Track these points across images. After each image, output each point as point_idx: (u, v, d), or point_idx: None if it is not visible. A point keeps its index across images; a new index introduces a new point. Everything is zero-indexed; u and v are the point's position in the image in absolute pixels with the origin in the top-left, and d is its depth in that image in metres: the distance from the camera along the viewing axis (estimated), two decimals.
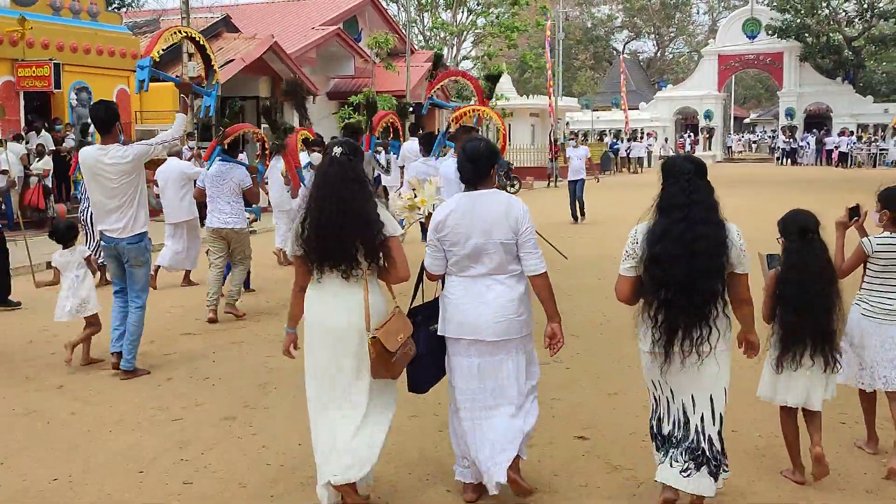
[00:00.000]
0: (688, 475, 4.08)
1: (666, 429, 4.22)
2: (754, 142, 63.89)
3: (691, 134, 55.83)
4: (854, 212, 4.98)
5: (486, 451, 4.26)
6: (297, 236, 4.22)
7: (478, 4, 42.00)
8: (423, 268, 4.52)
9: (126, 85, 20.64)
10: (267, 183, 11.89)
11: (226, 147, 9.32)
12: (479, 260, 4.23)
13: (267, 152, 11.95)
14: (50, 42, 18.68)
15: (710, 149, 50.14)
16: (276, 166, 11.06)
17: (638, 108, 54.72)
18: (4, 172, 14.01)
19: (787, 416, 4.69)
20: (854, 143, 43.93)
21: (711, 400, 4.11)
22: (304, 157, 10.87)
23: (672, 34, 77.45)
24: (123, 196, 6.81)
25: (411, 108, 32.52)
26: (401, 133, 13.89)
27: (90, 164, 6.81)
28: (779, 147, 49.04)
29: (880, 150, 44.56)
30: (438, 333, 4.39)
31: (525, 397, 4.37)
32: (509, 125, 42.78)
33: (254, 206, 10.31)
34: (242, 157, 9.51)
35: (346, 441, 4.15)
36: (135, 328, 6.98)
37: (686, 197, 4.01)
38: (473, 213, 4.24)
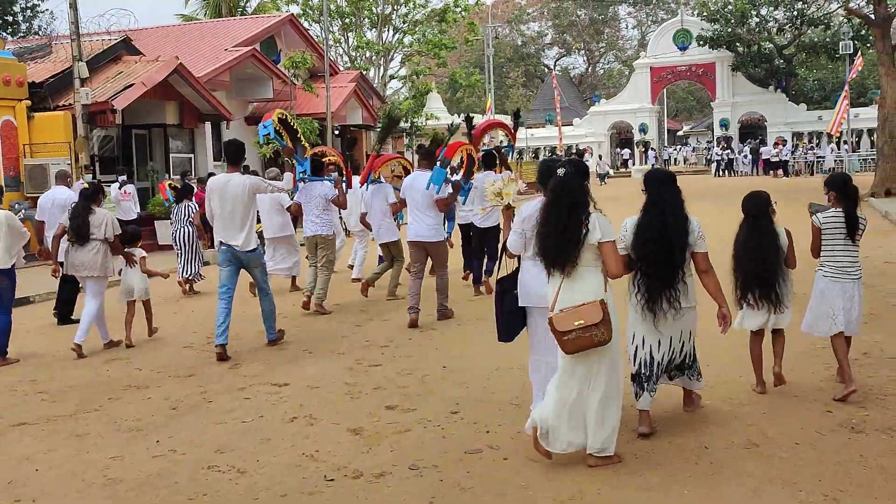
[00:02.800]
0: (672, 378, 5.84)
1: (648, 368, 5.59)
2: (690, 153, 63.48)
3: (626, 150, 55.14)
4: (815, 208, 6.90)
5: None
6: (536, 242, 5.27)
7: (403, 23, 40.63)
8: (504, 246, 5.81)
9: (12, 116, 18.63)
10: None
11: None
12: None
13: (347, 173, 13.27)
14: None
15: (645, 162, 49.27)
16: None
17: (572, 124, 53.84)
18: None
19: (754, 339, 6.58)
20: (789, 152, 43.39)
21: (691, 332, 5.75)
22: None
23: (602, 49, 77.23)
24: (242, 215, 8.50)
25: (337, 132, 31.14)
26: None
27: (218, 188, 8.56)
28: (714, 159, 48.44)
29: (817, 157, 44.14)
30: (519, 304, 5.70)
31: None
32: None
33: None
34: (287, 179, 10.25)
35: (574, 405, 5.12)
36: (268, 310, 8.91)
37: (660, 199, 5.55)
38: None
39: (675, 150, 59.82)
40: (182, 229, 13.28)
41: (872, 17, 27.05)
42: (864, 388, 6.35)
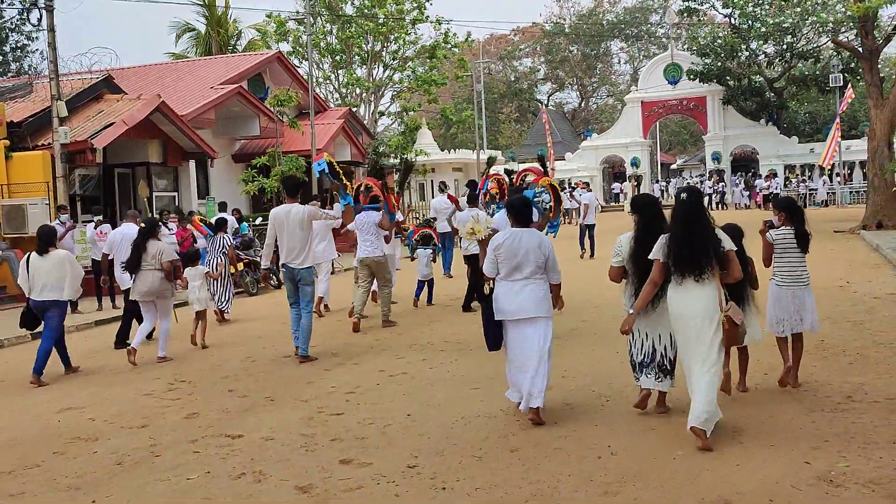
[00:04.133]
0: (659, 380, 6.81)
1: (638, 358, 6.88)
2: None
3: (617, 185, 55.00)
4: (768, 224, 7.83)
5: (527, 387, 6.76)
6: (665, 252, 6.20)
7: (394, 60, 40.64)
8: (480, 270, 7.70)
9: None
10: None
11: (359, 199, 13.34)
12: (520, 269, 6.83)
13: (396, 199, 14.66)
14: None
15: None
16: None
17: (564, 159, 53.75)
18: None
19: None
20: (779, 185, 43.06)
21: (671, 335, 6.61)
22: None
23: (595, 84, 77.44)
24: (301, 238, 10.03)
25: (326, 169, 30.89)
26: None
27: (280, 218, 10.11)
28: (706, 192, 48.24)
29: (810, 190, 43.99)
30: (495, 318, 6.95)
31: (546, 358, 6.83)
32: (430, 181, 41.33)
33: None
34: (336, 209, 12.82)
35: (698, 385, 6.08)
36: (306, 327, 10.08)
37: (647, 220, 6.83)
38: (521, 241, 6.85)
39: (665, 183, 59.70)
40: (215, 260, 13.99)
41: (860, 49, 26.99)
42: (846, 434, 6.03)
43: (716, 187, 46.60)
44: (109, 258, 12.61)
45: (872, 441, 5.88)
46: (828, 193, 43.61)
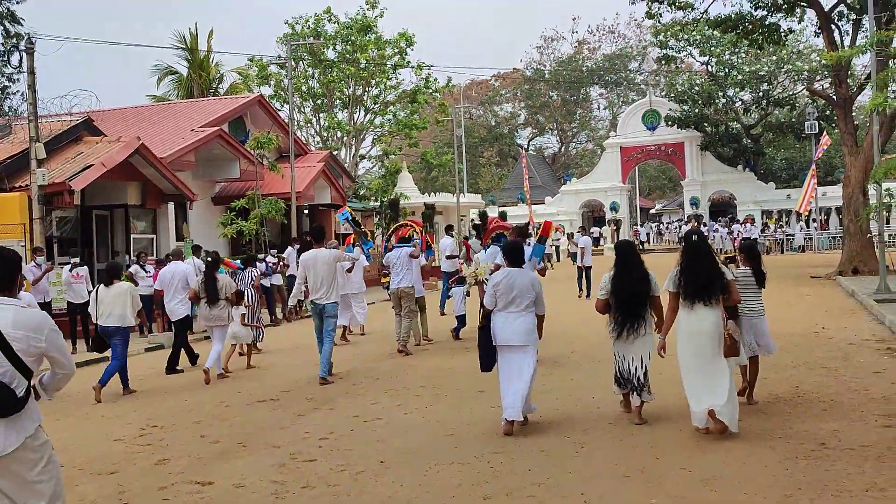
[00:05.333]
0: (632, 394, 8.16)
1: (622, 375, 8.20)
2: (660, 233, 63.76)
3: (596, 229, 55.29)
4: (731, 259, 9.28)
5: (508, 402, 7.90)
6: (675, 283, 7.65)
7: (375, 104, 40.91)
8: (482, 304, 8.39)
9: None
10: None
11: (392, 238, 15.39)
12: (514, 303, 8.05)
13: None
14: None
15: (616, 240, 49.37)
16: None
17: (544, 203, 54.04)
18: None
19: None
20: (750, 230, 43.01)
21: (642, 358, 8.07)
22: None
23: (575, 129, 78.14)
24: (327, 277, 11.49)
25: (306, 211, 30.95)
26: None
27: (311, 259, 11.60)
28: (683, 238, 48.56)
29: (787, 235, 44.38)
30: (493, 343, 8.13)
31: (530, 378, 8.06)
32: (407, 224, 41.33)
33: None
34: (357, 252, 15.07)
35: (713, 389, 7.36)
36: (327, 353, 11.47)
37: (625, 259, 8.25)
38: (515, 280, 8.09)
39: (656, 226, 60.15)
40: (245, 292, 14.44)
41: (834, 97, 27.43)
42: (819, 482, 6.02)
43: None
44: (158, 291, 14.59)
45: (846, 489, 5.87)
46: (805, 239, 44.01)
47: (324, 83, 39.30)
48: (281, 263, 20.82)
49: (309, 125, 41.77)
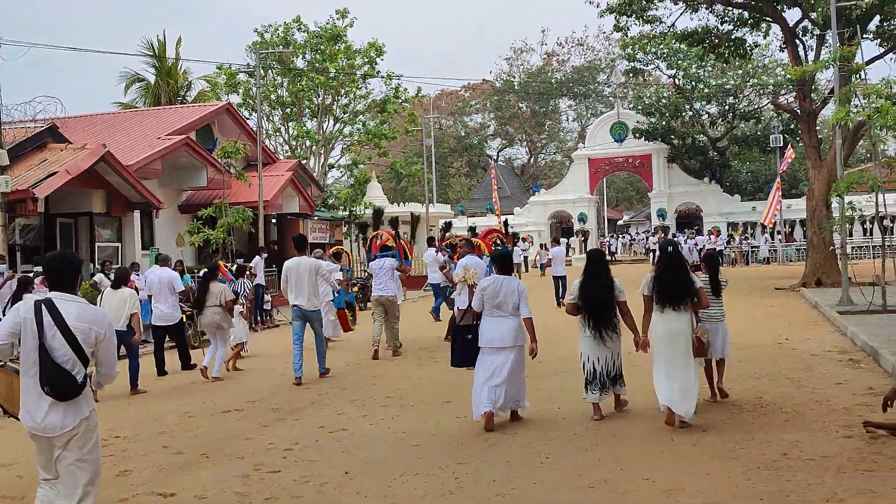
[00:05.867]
0: (597, 395, 8.76)
1: (594, 377, 8.73)
2: (628, 243, 64.18)
3: (564, 240, 55.48)
4: (696, 268, 9.92)
5: (485, 398, 8.49)
6: (650, 287, 8.42)
7: (344, 113, 40.84)
8: (470, 306, 9.17)
9: None
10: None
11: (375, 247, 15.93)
12: (501, 307, 8.64)
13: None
14: None
15: (584, 251, 49.47)
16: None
17: (513, 213, 54.20)
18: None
19: None
20: (705, 241, 43.09)
21: (614, 355, 8.81)
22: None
23: (544, 141, 78.52)
24: (308, 284, 12.06)
25: (273, 220, 30.80)
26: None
27: (294, 267, 12.17)
28: (650, 249, 48.98)
29: (752, 247, 44.83)
30: (479, 344, 8.78)
31: (518, 376, 8.75)
32: (380, 234, 41.28)
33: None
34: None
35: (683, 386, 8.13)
36: (322, 351, 12.49)
37: (594, 266, 8.91)
38: (502, 285, 8.70)
39: (610, 237, 60.49)
40: (241, 300, 15.30)
41: (799, 111, 27.80)
42: (781, 493, 6.07)
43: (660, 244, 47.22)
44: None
45: (807, 500, 5.93)
46: (769, 251, 44.49)
47: (293, 92, 39.14)
48: (248, 273, 20.69)
49: (277, 134, 41.57)
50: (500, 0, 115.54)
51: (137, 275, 18.56)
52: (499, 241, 18.41)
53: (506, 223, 19.23)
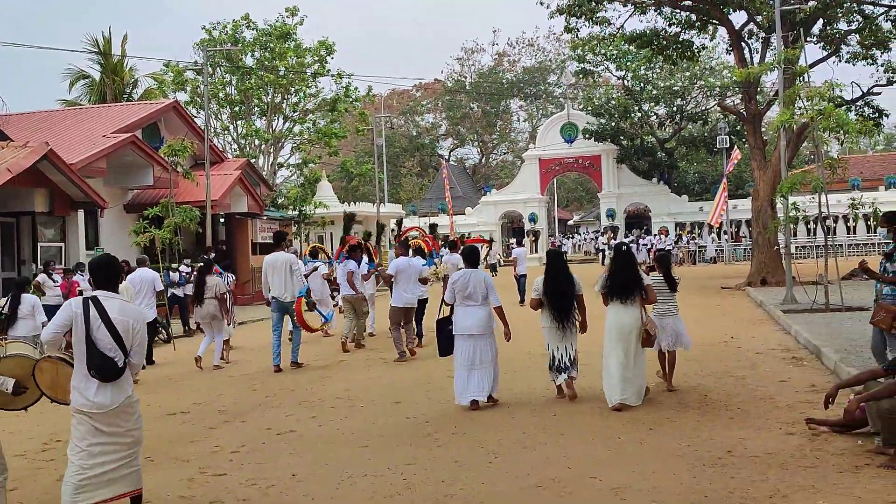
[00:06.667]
0: (559, 376, 9.64)
1: (554, 363, 9.65)
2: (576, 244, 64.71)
3: (514, 239, 55.75)
4: (651, 268, 11.20)
5: (473, 387, 9.42)
6: (603, 285, 9.41)
7: (294, 112, 40.55)
8: (443, 299, 10.69)
9: None
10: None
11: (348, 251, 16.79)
12: (471, 298, 9.57)
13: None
14: None
15: (536, 251, 49.80)
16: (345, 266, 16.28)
17: (464, 213, 54.28)
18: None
19: None
20: (655, 241, 43.58)
21: (572, 345, 9.62)
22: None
23: (495, 141, 78.72)
24: (285, 279, 13.11)
25: (222, 220, 30.45)
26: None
27: (272, 262, 13.22)
28: (600, 248, 49.48)
29: (699, 247, 45.44)
30: (453, 332, 9.73)
31: (492, 362, 9.60)
32: (331, 233, 41.09)
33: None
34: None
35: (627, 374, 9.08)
36: (297, 342, 13.81)
37: (555, 264, 9.77)
38: (470, 278, 9.61)
39: (561, 238, 60.96)
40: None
41: (744, 113, 28.23)
42: (725, 490, 6.14)
43: (610, 244, 47.74)
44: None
45: (751, 496, 6.00)
46: (716, 250, 45.14)
47: (241, 90, 38.77)
48: (194, 273, 20.43)
49: (226, 132, 41.14)
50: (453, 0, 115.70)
51: (82, 274, 18.26)
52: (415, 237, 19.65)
53: (433, 226, 20.68)
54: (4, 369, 6.19)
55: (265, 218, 32.71)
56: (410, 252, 15.06)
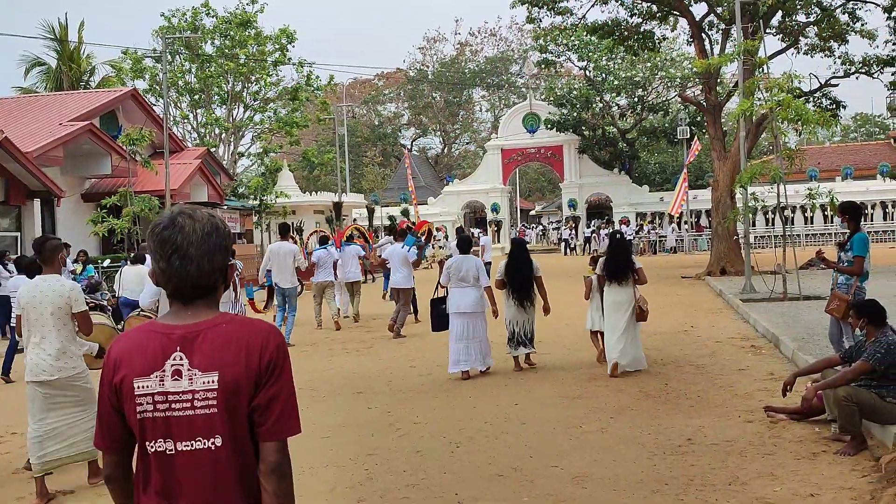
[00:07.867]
0: (516, 350, 11.05)
1: (513, 336, 10.97)
2: (541, 233, 64.96)
3: (479, 229, 55.82)
4: (594, 261, 11.82)
5: (464, 358, 10.61)
6: (601, 268, 10.79)
7: (254, 100, 40.19)
8: (439, 281, 11.98)
9: None
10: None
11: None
12: (464, 280, 10.76)
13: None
14: None
15: (498, 241, 49.85)
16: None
17: (427, 203, 54.21)
18: None
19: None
20: (631, 232, 44.28)
21: (530, 321, 11.02)
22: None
23: (457, 131, 78.69)
24: (288, 266, 14.43)
25: None
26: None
27: (276, 250, 14.61)
28: (562, 238, 49.74)
29: (659, 237, 45.82)
30: (447, 311, 11.01)
31: (483, 337, 10.79)
32: (293, 223, 40.86)
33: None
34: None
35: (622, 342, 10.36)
36: (291, 325, 14.42)
37: (518, 251, 11.28)
38: (463, 262, 10.86)
39: (524, 226, 61.16)
40: None
41: (704, 104, 28.46)
42: (685, 476, 6.19)
43: (572, 233, 48.09)
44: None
45: (710, 483, 6.05)
46: (676, 240, 45.54)
47: (201, 78, 38.33)
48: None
49: (185, 121, 40.68)
50: None
51: (6, 267, 17.69)
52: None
53: (405, 212, 25.06)
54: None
55: (226, 207, 32.43)
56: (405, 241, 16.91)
